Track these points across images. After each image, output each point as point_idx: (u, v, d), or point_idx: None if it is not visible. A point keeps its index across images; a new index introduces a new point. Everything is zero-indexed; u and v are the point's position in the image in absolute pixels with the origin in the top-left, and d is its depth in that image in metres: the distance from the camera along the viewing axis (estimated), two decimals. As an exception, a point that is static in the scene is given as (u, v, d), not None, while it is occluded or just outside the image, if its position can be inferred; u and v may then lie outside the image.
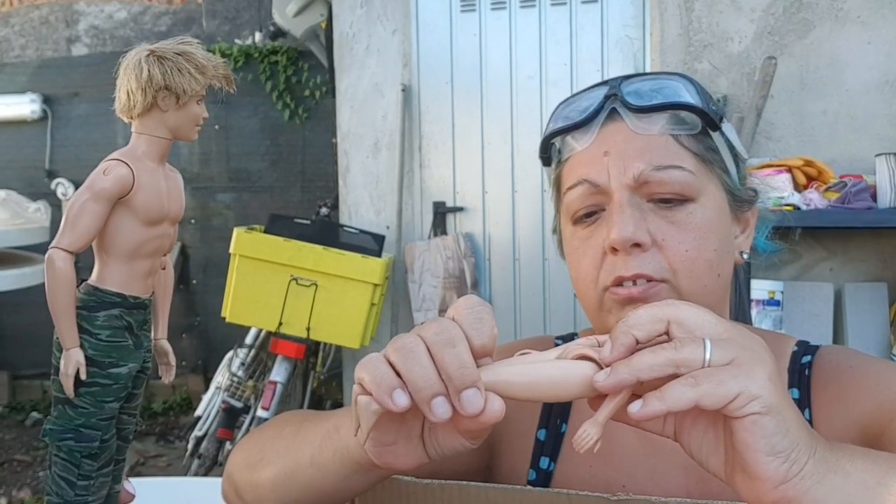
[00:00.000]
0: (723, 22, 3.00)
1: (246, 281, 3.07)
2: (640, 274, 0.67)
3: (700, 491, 0.71)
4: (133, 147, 2.71)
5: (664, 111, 0.70)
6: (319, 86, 4.34)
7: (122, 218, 2.66)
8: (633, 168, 0.68)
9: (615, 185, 0.69)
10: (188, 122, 2.72)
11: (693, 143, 0.70)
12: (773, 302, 2.66)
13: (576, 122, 0.72)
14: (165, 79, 2.51)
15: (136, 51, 2.46)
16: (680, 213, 0.69)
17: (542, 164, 0.80)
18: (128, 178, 2.56)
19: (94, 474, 2.49)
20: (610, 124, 0.71)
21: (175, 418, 4.39)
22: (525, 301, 3.46)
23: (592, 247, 0.70)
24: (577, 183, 0.71)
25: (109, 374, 2.68)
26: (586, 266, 0.71)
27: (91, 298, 2.72)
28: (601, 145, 0.71)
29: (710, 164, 0.71)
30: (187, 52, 2.46)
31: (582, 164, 0.72)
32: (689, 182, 0.69)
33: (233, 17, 4.65)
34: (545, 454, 0.77)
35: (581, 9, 3.31)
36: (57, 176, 4.64)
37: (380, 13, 3.50)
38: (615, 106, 0.71)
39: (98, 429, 2.54)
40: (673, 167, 0.68)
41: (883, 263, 2.84)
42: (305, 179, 4.45)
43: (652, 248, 0.67)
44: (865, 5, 2.86)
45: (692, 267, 0.68)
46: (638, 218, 0.67)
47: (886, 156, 2.51)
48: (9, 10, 4.84)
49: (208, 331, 4.54)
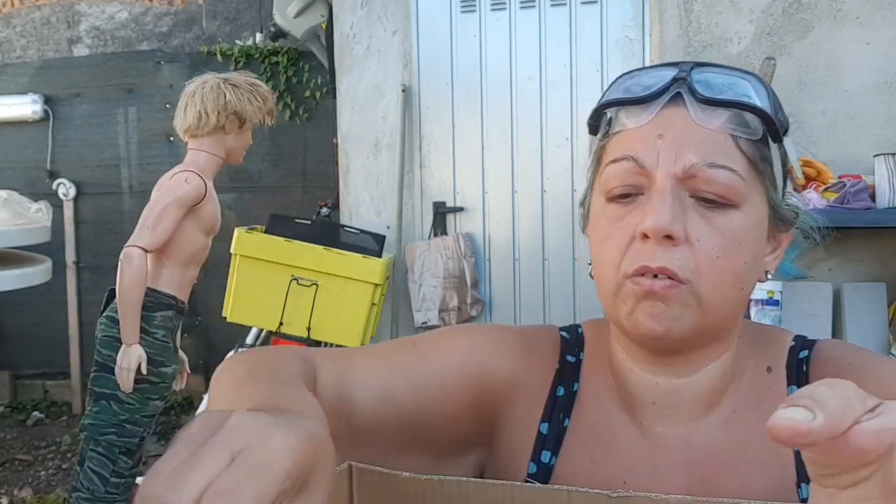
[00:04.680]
0: (722, 23, 3.01)
1: (247, 281, 3.08)
2: (665, 268, 0.64)
3: (701, 489, 0.71)
4: (193, 160, 2.85)
5: (730, 108, 0.67)
6: (320, 86, 4.34)
7: (189, 225, 2.80)
8: (685, 158, 0.65)
9: (662, 171, 0.65)
10: (242, 146, 2.89)
11: (750, 148, 0.67)
12: (773, 302, 2.67)
13: (636, 98, 0.69)
14: (239, 105, 2.70)
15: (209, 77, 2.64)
16: (720, 216, 0.66)
17: (588, 133, 0.76)
18: (202, 188, 2.70)
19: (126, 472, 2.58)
20: (671, 108, 0.68)
21: (176, 418, 4.40)
22: (525, 301, 3.47)
23: (622, 229, 0.67)
24: (623, 157, 0.68)
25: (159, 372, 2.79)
26: (611, 248, 0.68)
27: (149, 299, 2.83)
28: (657, 127, 0.67)
29: (761, 174, 0.68)
30: (257, 84, 2.67)
31: (632, 141, 0.68)
32: (737, 187, 0.66)
33: (233, 17, 4.66)
34: (547, 448, 0.76)
35: (581, 10, 3.32)
36: (58, 176, 4.65)
37: (380, 14, 3.50)
38: (681, 90, 0.68)
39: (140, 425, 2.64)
40: (725, 168, 0.65)
41: (881, 263, 2.85)
42: (306, 180, 4.46)
43: (684, 245, 0.65)
44: (864, 6, 2.87)
45: (718, 274, 0.66)
46: (677, 210, 0.65)
47: (885, 156, 2.52)
48: (10, 11, 4.85)
49: (209, 330, 4.55)
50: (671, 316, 0.66)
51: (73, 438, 4.12)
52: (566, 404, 0.78)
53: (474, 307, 3.43)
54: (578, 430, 0.77)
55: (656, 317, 0.66)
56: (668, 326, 0.66)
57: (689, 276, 0.65)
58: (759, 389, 0.74)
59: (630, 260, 0.66)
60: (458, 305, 3.39)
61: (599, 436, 0.76)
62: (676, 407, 0.73)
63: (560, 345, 0.81)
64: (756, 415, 0.73)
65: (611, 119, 0.72)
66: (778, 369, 0.75)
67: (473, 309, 3.42)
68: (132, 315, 2.25)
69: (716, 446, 0.72)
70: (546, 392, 0.79)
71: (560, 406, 0.78)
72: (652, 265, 0.65)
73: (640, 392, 0.75)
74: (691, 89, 0.67)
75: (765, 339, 0.77)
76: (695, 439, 0.73)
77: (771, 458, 0.71)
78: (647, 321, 0.66)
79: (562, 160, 3.38)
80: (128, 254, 2.26)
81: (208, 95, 2.30)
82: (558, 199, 3.40)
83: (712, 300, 0.66)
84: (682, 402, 0.73)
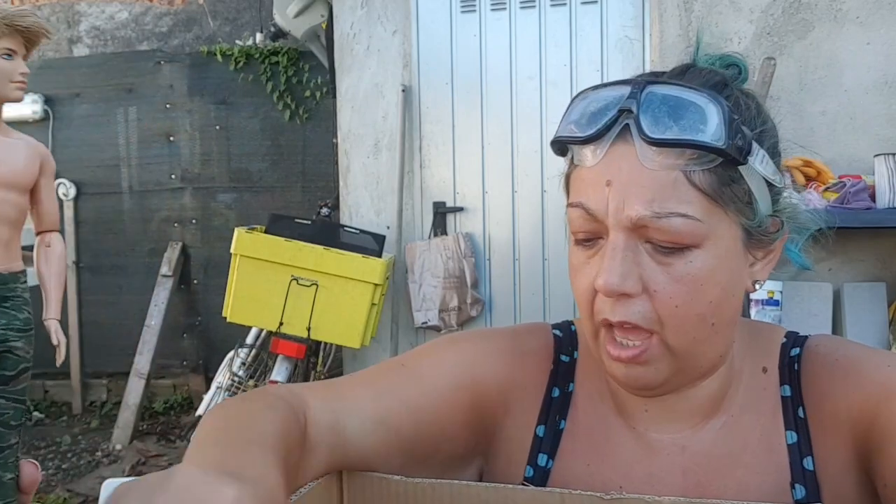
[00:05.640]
0: (722, 23, 3.00)
1: (247, 281, 3.08)
2: (627, 321, 0.65)
3: (697, 494, 0.71)
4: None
5: (676, 147, 0.63)
6: (320, 86, 4.34)
7: None
8: (632, 209, 0.63)
9: (612, 222, 0.65)
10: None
11: (707, 180, 0.63)
12: (773, 301, 2.67)
13: (584, 137, 0.67)
14: None
15: None
16: (678, 261, 0.64)
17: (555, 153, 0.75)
18: None
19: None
20: (619, 144, 0.65)
21: (176, 418, 4.40)
22: (525, 301, 3.47)
23: (586, 276, 0.68)
24: (577, 204, 0.68)
25: None
26: (582, 292, 0.69)
27: None
28: (605, 170, 0.65)
29: (724, 203, 0.65)
30: None
31: (584, 185, 0.67)
32: (691, 230, 0.63)
33: (234, 18, 4.66)
34: (543, 451, 0.76)
35: (581, 10, 3.31)
36: (58, 176, 4.62)
37: (380, 14, 3.50)
38: (629, 122, 0.65)
39: None
40: (675, 214, 0.63)
41: (881, 263, 2.84)
42: (306, 180, 4.46)
43: (642, 296, 0.64)
44: (864, 6, 2.86)
45: (680, 322, 0.65)
46: (630, 264, 0.64)
47: (885, 156, 2.52)
48: (11, 11, 4.85)
49: (209, 330, 4.55)
50: (645, 374, 0.67)
51: (73, 438, 4.13)
52: (562, 405, 0.78)
53: (474, 307, 3.43)
54: (574, 432, 0.77)
55: (631, 377, 0.68)
56: (644, 384, 0.68)
57: (653, 326, 0.65)
58: (755, 391, 0.74)
59: (597, 310, 0.67)
60: (458, 305, 3.39)
61: (595, 439, 0.76)
62: (670, 418, 0.74)
63: (553, 344, 0.81)
64: (752, 417, 0.73)
65: (571, 147, 0.70)
66: (772, 369, 0.74)
67: (473, 309, 3.42)
68: None
69: (712, 451, 0.72)
70: (541, 394, 0.78)
71: (556, 407, 0.78)
72: (613, 319, 0.65)
73: (632, 401, 0.75)
74: (638, 124, 0.64)
75: (758, 338, 0.77)
76: (691, 445, 0.73)
77: (767, 460, 0.71)
78: (624, 380, 0.68)
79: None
80: None
81: None
82: (558, 199, 3.39)
83: (681, 345, 0.66)
84: (676, 413, 0.73)
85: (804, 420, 0.71)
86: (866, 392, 0.68)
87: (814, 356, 0.74)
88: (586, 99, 0.69)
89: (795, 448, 0.70)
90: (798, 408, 0.72)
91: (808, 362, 0.73)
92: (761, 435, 0.72)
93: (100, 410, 4.54)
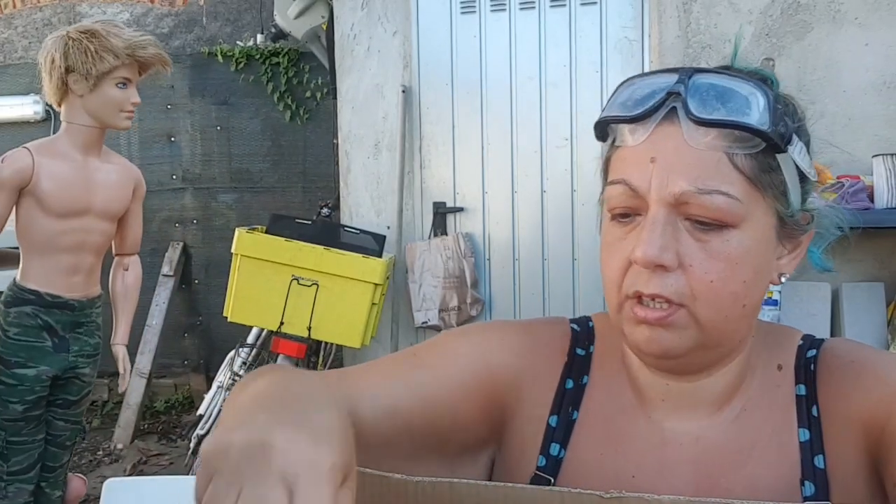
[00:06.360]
0: (721, 24, 3.01)
1: (247, 281, 3.09)
2: (659, 294, 0.66)
3: (708, 485, 0.72)
4: (57, 136, 2.62)
5: (724, 128, 0.65)
6: (320, 87, 4.35)
7: (29, 209, 2.59)
8: (675, 185, 0.65)
9: (654, 198, 0.66)
10: (108, 106, 2.59)
11: (748, 164, 0.66)
12: (771, 301, 2.67)
13: (631, 117, 0.69)
14: (68, 60, 2.40)
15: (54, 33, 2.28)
16: (716, 238, 0.66)
17: (596, 139, 0.76)
18: (26, 167, 2.47)
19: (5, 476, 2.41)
20: (665, 125, 0.67)
21: (177, 417, 4.41)
22: (525, 301, 3.48)
23: (621, 251, 0.69)
24: (618, 181, 0.69)
25: (14, 374, 2.59)
26: (613, 268, 0.69)
27: (10, 293, 2.65)
28: (650, 148, 0.67)
29: (763, 188, 0.67)
30: (94, 31, 2.29)
31: (627, 163, 0.69)
32: (731, 209, 0.65)
33: (234, 18, 4.67)
34: (556, 440, 0.77)
35: (580, 10, 3.32)
36: (60, 176, 4.66)
37: (380, 15, 3.51)
38: (676, 106, 0.67)
39: (2, 429, 2.43)
40: (718, 192, 0.65)
41: (880, 263, 2.85)
42: (306, 180, 4.47)
43: (677, 270, 0.66)
44: (863, 7, 2.87)
45: (714, 297, 0.66)
46: (669, 238, 0.65)
47: (884, 156, 2.53)
48: (12, 12, 4.86)
49: (210, 330, 4.56)
50: (669, 339, 0.67)
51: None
52: (575, 397, 0.79)
53: (474, 307, 3.44)
54: (587, 422, 0.77)
55: (654, 340, 0.67)
56: (666, 349, 0.68)
57: (684, 300, 0.66)
58: (769, 387, 0.75)
59: (628, 283, 0.68)
60: (458, 305, 3.40)
61: (609, 429, 0.77)
62: (687, 406, 0.74)
63: (570, 337, 0.82)
64: (765, 412, 0.74)
65: (614, 129, 0.72)
66: (787, 368, 0.75)
67: (473, 309, 3.43)
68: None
69: (725, 444, 0.73)
70: (555, 384, 0.79)
71: (569, 398, 0.78)
72: (646, 291, 0.66)
73: (650, 390, 0.75)
74: (685, 106, 0.66)
75: (775, 337, 0.78)
76: (705, 436, 0.74)
77: (778, 456, 0.72)
78: (646, 344, 0.68)
79: (562, 160, 3.39)
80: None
81: (42, 57, 2.07)
82: (558, 199, 3.41)
83: (710, 321, 0.67)
84: (692, 401, 0.74)
85: (817, 419, 0.72)
86: (880, 392, 0.69)
87: (829, 357, 0.75)
88: (633, 85, 0.71)
89: (807, 446, 0.71)
90: (812, 406, 0.72)
91: (823, 363, 0.74)
92: (773, 431, 0.73)
93: (101, 410, 4.55)
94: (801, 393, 0.74)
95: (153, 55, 2.16)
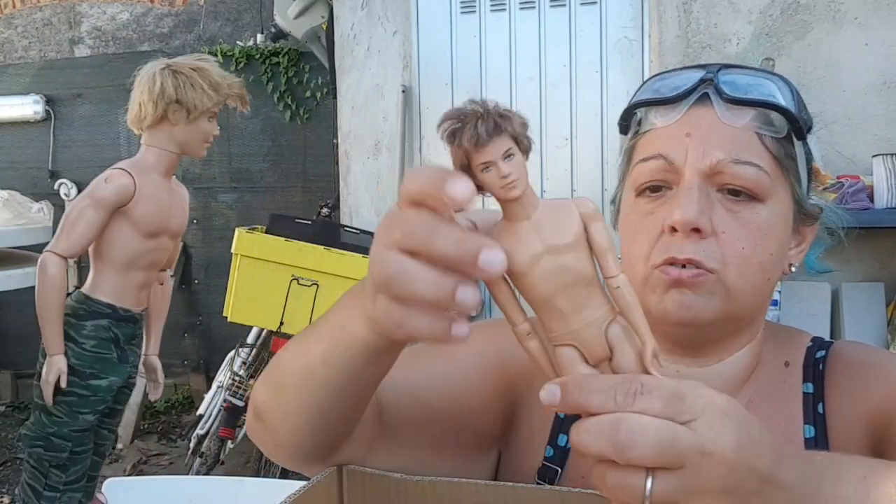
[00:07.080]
0: (721, 23, 3.01)
1: (247, 281, 3.09)
2: (693, 259, 0.67)
3: None
4: (140, 158, 2.69)
5: (756, 107, 0.70)
6: (320, 87, 4.36)
7: (120, 227, 2.64)
8: (712, 155, 0.68)
9: (690, 168, 0.69)
10: (197, 137, 2.70)
11: (775, 146, 0.70)
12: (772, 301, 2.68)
13: (665, 98, 0.72)
14: (178, 93, 2.50)
15: (153, 63, 2.43)
16: (746, 209, 0.69)
17: (619, 132, 0.79)
18: (129, 187, 2.54)
19: (61, 486, 2.44)
20: (698, 108, 0.71)
21: (177, 417, 4.42)
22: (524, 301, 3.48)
23: (651, 223, 0.71)
24: (652, 157, 0.71)
25: (89, 385, 2.64)
26: (641, 242, 0.71)
27: (81, 307, 2.69)
28: (685, 125, 0.71)
29: (786, 170, 0.71)
30: (203, 68, 2.44)
31: (661, 140, 0.72)
32: (762, 182, 0.69)
33: (234, 18, 4.67)
34: (564, 431, 0.78)
35: (580, 10, 3.32)
36: (59, 176, 4.66)
37: (380, 15, 3.51)
38: (708, 91, 0.71)
39: (69, 440, 2.48)
40: (751, 164, 0.68)
41: (880, 263, 2.85)
42: (306, 180, 4.47)
43: (710, 237, 0.68)
44: (863, 7, 2.87)
45: (744, 265, 0.68)
46: (704, 203, 0.68)
47: (883, 156, 2.53)
48: (12, 12, 4.86)
49: (210, 330, 4.56)
50: (699, 303, 0.68)
51: (74, 438, 4.14)
52: None
53: (474, 307, 3.43)
54: None
55: (684, 304, 0.68)
56: (695, 313, 0.68)
57: (715, 266, 0.68)
58: (776, 382, 0.76)
59: (659, 252, 0.69)
60: (457, 305, 3.40)
61: None
62: None
63: None
64: (772, 406, 0.75)
65: (640, 119, 0.75)
66: (795, 365, 0.76)
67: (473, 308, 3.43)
68: (51, 325, 2.09)
69: None
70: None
71: None
72: (679, 256, 0.68)
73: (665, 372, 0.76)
74: (718, 89, 0.70)
75: (784, 335, 0.80)
76: None
77: None
78: (676, 308, 0.69)
79: (561, 160, 3.39)
80: (42, 261, 2.11)
81: (145, 84, 2.12)
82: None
83: (738, 289, 0.69)
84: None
85: (823, 416, 0.73)
86: (886, 391, 0.70)
87: (838, 357, 0.76)
88: (663, 77, 0.75)
89: (812, 442, 0.72)
90: (818, 404, 0.74)
91: (832, 363, 0.76)
92: (778, 426, 0.73)
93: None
94: (809, 391, 0.75)
95: (242, 95, 2.33)
